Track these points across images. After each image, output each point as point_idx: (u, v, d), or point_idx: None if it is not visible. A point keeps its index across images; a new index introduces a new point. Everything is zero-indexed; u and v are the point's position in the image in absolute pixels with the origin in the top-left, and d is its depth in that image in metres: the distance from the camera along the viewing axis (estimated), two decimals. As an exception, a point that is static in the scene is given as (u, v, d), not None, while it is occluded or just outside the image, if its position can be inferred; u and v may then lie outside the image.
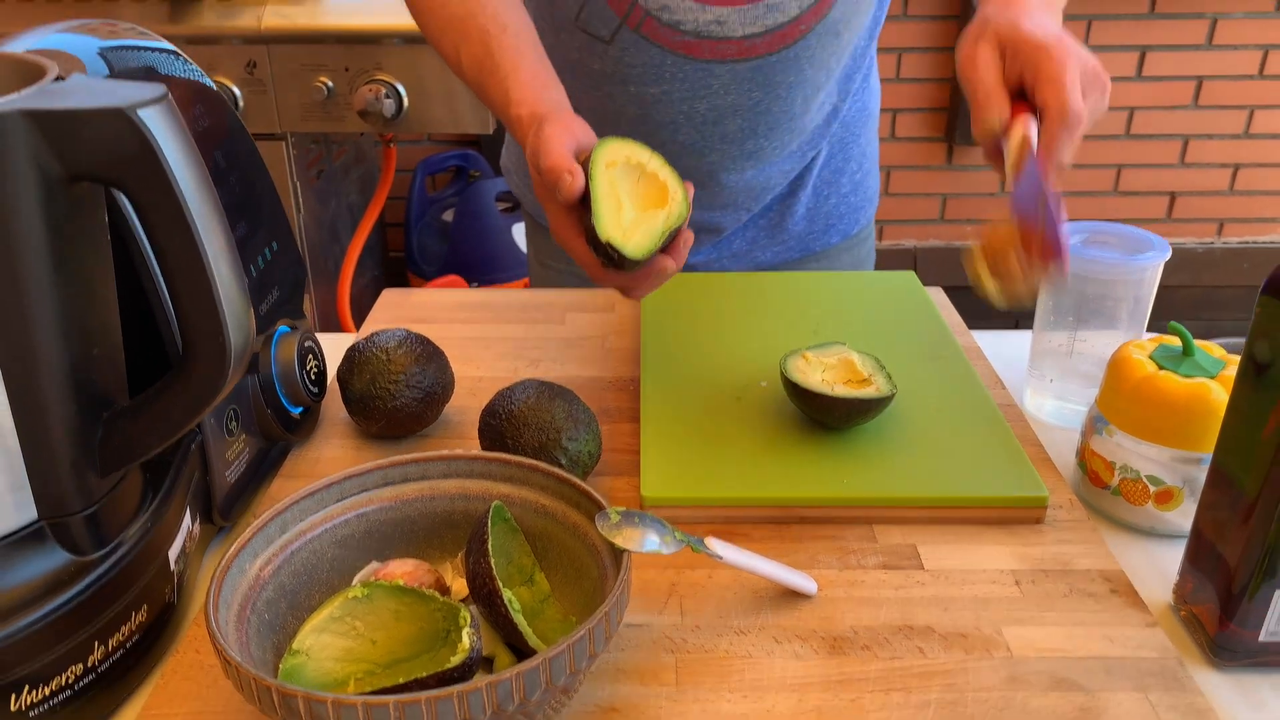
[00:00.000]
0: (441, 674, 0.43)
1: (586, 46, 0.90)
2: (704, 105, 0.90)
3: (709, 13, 0.85)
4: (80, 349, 0.46)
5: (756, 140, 0.93)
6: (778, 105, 0.91)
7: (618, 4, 0.87)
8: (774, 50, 0.87)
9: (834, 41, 0.89)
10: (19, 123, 0.40)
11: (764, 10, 0.85)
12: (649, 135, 0.93)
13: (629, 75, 0.90)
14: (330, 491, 0.54)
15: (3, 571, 0.46)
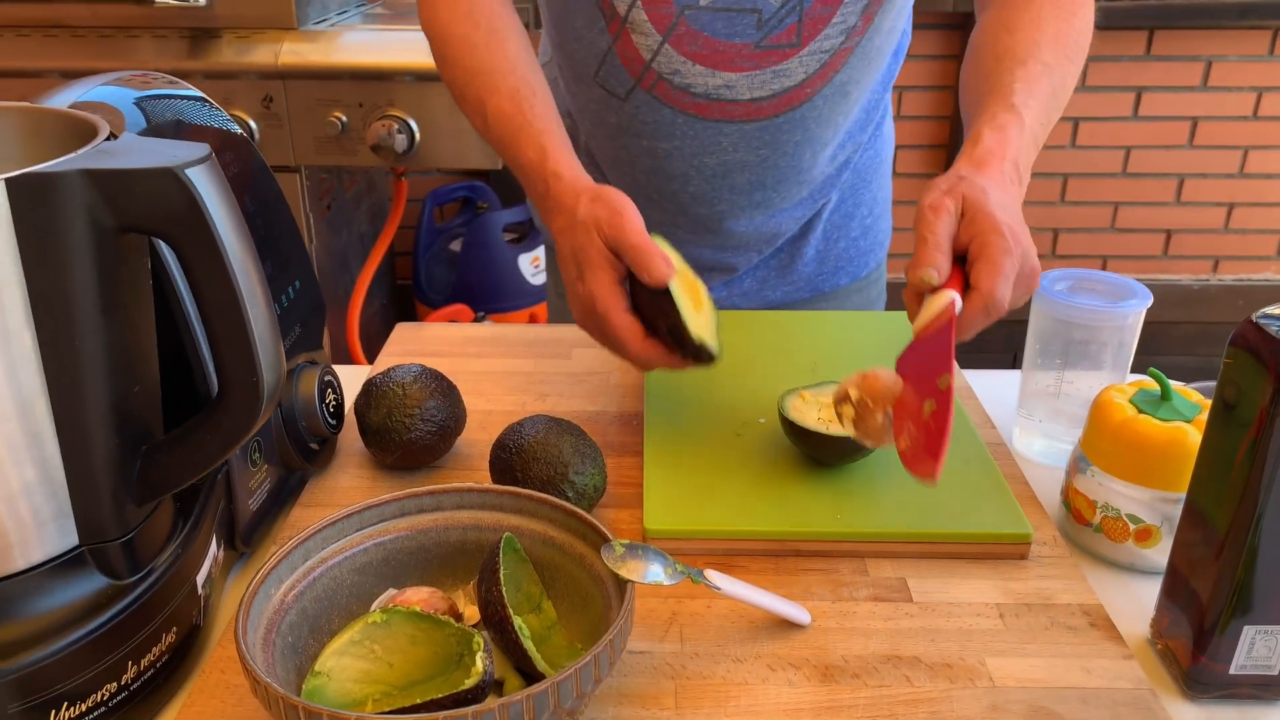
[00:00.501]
0: (456, 695, 0.46)
1: (604, 101, 0.95)
2: (713, 160, 0.94)
3: (718, 78, 0.89)
4: (123, 386, 0.49)
5: (765, 192, 0.97)
6: (785, 161, 0.95)
7: (632, 66, 0.91)
8: (781, 112, 0.91)
9: (842, 101, 0.93)
10: (77, 180, 0.44)
11: (771, 76, 0.88)
12: (662, 185, 0.97)
13: (642, 130, 0.94)
14: (350, 521, 0.57)
15: (46, 594, 0.49)
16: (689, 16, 0.86)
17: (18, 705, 0.47)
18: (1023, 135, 0.73)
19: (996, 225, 0.65)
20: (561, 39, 0.95)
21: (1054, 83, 0.78)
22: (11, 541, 0.48)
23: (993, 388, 0.87)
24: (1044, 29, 0.80)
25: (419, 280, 2.42)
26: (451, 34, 0.86)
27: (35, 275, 0.44)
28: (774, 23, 0.86)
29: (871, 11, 0.88)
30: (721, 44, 0.87)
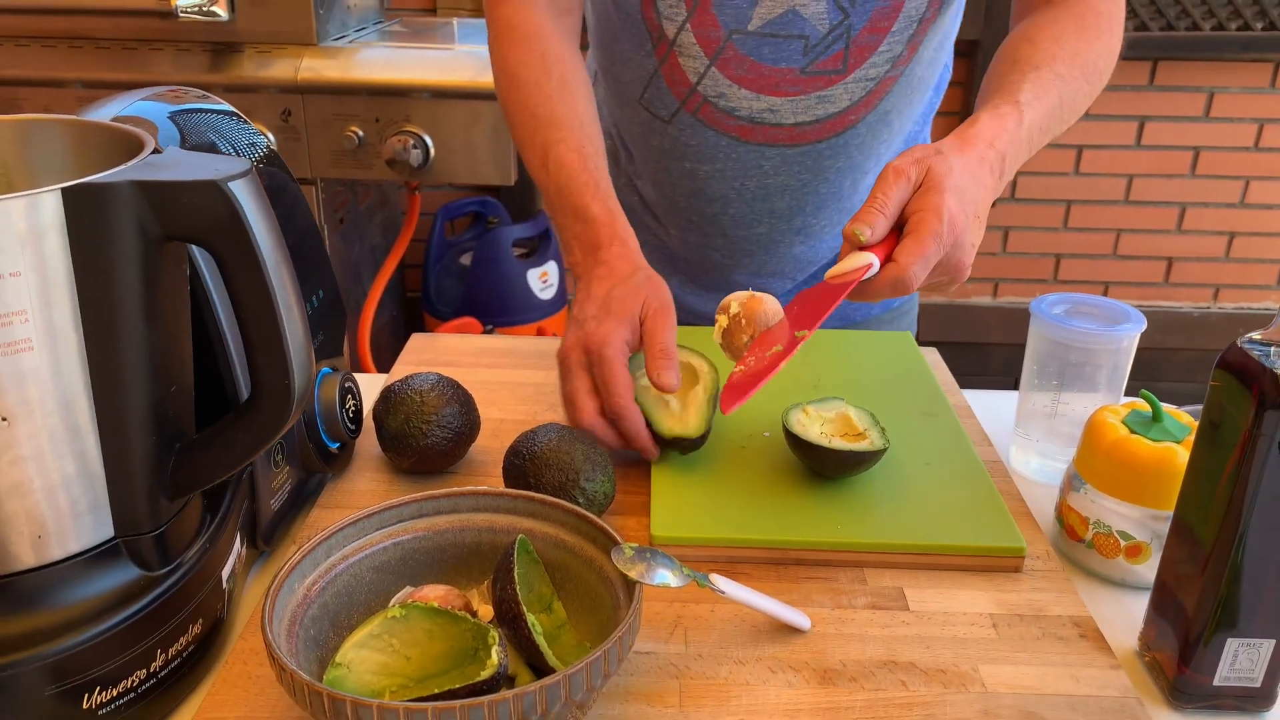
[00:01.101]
0: (472, 686, 0.48)
1: (648, 123, 0.97)
2: (754, 184, 0.96)
3: (762, 101, 0.91)
4: (161, 386, 0.52)
5: (804, 217, 0.99)
6: (825, 187, 0.97)
7: (677, 89, 0.93)
8: (824, 138, 0.93)
9: (884, 130, 0.95)
10: (127, 190, 0.46)
11: (815, 101, 0.90)
12: (702, 207, 0.99)
13: (685, 153, 0.96)
14: (370, 521, 0.59)
15: (82, 583, 0.51)
16: (737, 40, 0.89)
17: (53, 688, 0.50)
18: (1019, 130, 0.76)
19: (939, 207, 0.67)
20: (608, 62, 0.98)
21: (1063, 93, 0.80)
22: (50, 531, 0.50)
23: (991, 408, 0.89)
24: (1064, 45, 0.83)
25: (428, 293, 2.45)
26: (523, 77, 0.88)
27: (84, 279, 0.47)
28: (821, 49, 0.88)
29: (916, 41, 0.90)
30: (768, 68, 0.89)
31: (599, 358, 0.73)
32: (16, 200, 0.44)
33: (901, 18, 0.88)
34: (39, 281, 0.45)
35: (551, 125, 0.85)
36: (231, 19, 1.62)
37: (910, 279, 0.66)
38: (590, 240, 0.80)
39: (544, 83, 0.87)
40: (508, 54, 0.90)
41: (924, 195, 0.68)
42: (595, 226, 0.80)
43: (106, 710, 0.52)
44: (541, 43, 0.89)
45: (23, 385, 0.47)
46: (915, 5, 0.88)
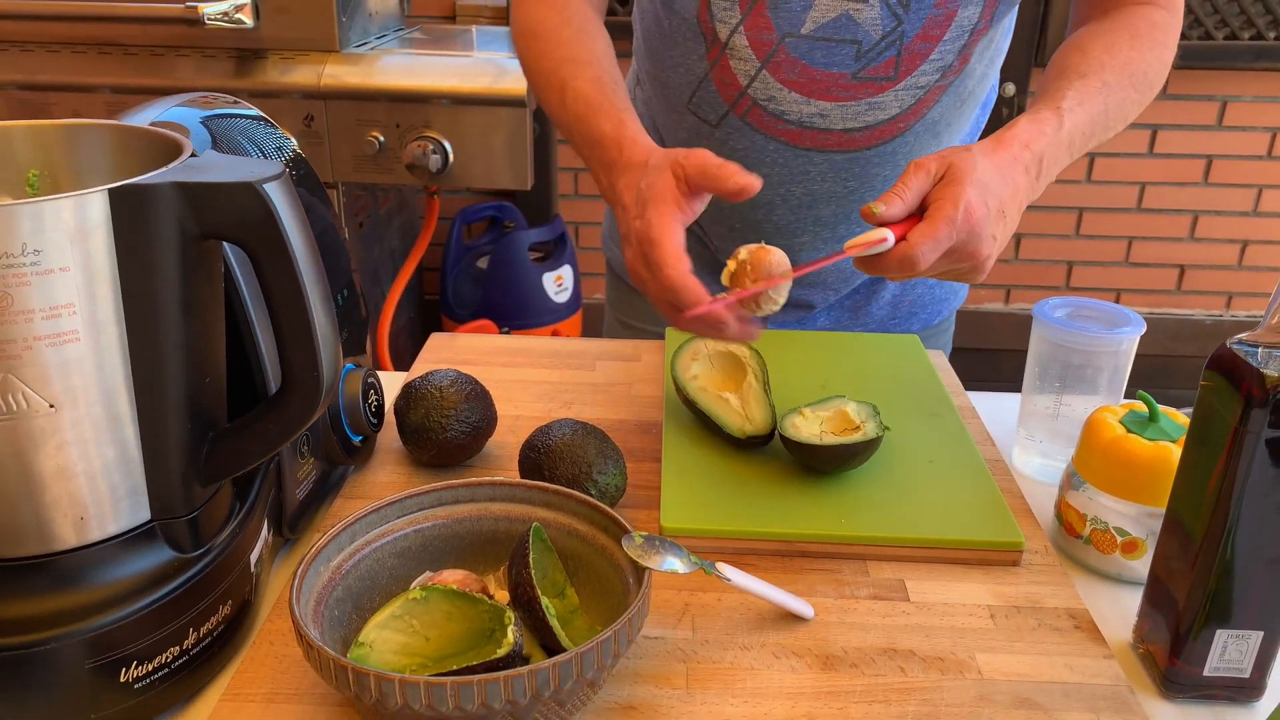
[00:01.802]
0: (490, 662, 0.51)
1: (695, 128, 0.98)
2: (800, 190, 0.97)
3: (812, 105, 0.92)
4: (196, 377, 0.54)
5: (849, 225, 0.99)
6: (870, 195, 0.97)
7: (727, 91, 0.94)
8: (872, 145, 0.94)
9: (932, 141, 0.96)
10: (169, 191, 0.49)
11: (865, 107, 0.91)
12: (747, 213, 1.01)
13: (732, 157, 0.93)
14: (392, 508, 0.62)
15: (119, 564, 0.54)
16: (789, 44, 0.90)
17: (92, 662, 0.52)
18: (1058, 134, 0.77)
19: (956, 196, 0.69)
20: (657, 68, 0.99)
21: (1109, 101, 0.82)
22: (90, 514, 0.53)
23: (995, 409, 0.91)
24: (1115, 54, 0.84)
25: (446, 295, 2.48)
26: (541, 30, 0.90)
27: (127, 274, 0.50)
28: (873, 55, 0.89)
29: (968, 52, 0.91)
30: (819, 73, 0.90)
31: (649, 242, 0.71)
32: (66, 200, 0.47)
33: (954, 27, 0.89)
34: (85, 276, 0.48)
35: (568, 63, 0.86)
36: (256, 26, 1.65)
37: (917, 258, 0.68)
38: (605, 159, 0.80)
39: (561, 30, 0.89)
40: (528, 13, 0.92)
41: (944, 186, 0.71)
42: (605, 144, 0.80)
43: (142, 684, 0.54)
44: (562, 2, 0.92)
45: (69, 375, 0.50)
46: (968, 15, 0.89)
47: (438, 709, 0.48)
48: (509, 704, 0.48)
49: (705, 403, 0.79)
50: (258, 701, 0.57)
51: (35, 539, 0.52)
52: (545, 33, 0.90)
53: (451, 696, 0.48)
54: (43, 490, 0.51)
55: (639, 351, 1.00)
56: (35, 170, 0.59)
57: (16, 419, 0.49)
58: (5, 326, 0.47)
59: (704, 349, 0.85)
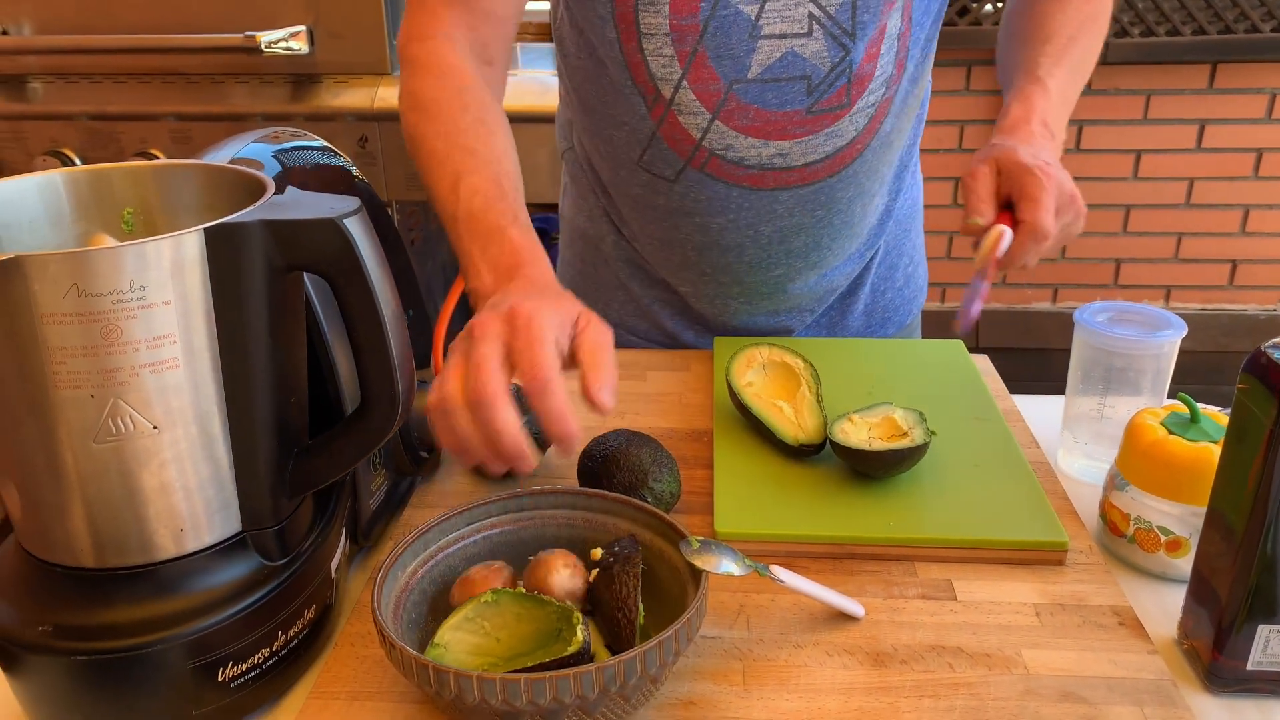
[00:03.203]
0: (561, 659, 0.54)
1: (649, 184, 0.96)
2: (769, 228, 0.97)
3: (771, 147, 0.91)
4: (282, 398, 0.59)
5: (820, 251, 1.00)
6: (839, 219, 0.98)
7: (680, 147, 0.92)
8: (835, 172, 0.94)
9: (886, 151, 0.98)
10: (257, 228, 0.53)
11: (824, 139, 0.92)
12: (715, 259, 0.99)
13: (694, 209, 0.95)
14: (462, 516, 0.66)
15: (214, 572, 0.59)
16: (738, 90, 0.88)
17: (192, 663, 0.57)
18: (1048, 99, 0.86)
19: (1028, 169, 0.77)
20: (598, 127, 0.97)
21: (1079, 51, 0.91)
22: (187, 527, 0.58)
23: (1039, 412, 0.93)
24: (1068, 7, 0.93)
25: (494, 307, 2.53)
26: (435, 110, 0.81)
27: (220, 305, 0.54)
28: (824, 87, 0.89)
29: (902, 57, 0.92)
30: (773, 114, 0.90)
31: (526, 323, 0.60)
32: (167, 240, 0.51)
33: (885, 39, 0.90)
34: (183, 308, 0.53)
35: (466, 154, 0.77)
36: (311, 52, 1.71)
37: (1044, 225, 0.76)
38: (507, 264, 0.70)
39: (459, 117, 0.80)
40: (420, 85, 0.83)
41: (1009, 173, 0.79)
42: (513, 248, 0.71)
43: (237, 683, 0.59)
44: (459, 80, 0.83)
45: (168, 398, 0.54)
46: (893, 24, 0.90)
47: (512, 704, 0.52)
48: (578, 699, 0.52)
49: (760, 409, 0.82)
50: (342, 699, 0.61)
51: (139, 550, 0.57)
52: (439, 114, 0.81)
53: (525, 692, 0.51)
54: (146, 505, 0.56)
55: (688, 361, 1.03)
56: (130, 209, 0.63)
57: (124, 440, 0.53)
58: (114, 356, 0.51)
59: (759, 357, 0.88)
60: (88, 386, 0.52)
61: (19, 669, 0.57)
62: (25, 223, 0.60)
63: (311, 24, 1.69)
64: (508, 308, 0.62)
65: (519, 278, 0.68)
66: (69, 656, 0.55)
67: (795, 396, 0.84)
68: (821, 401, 0.83)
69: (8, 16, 1.71)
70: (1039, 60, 0.89)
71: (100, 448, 0.53)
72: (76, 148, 1.75)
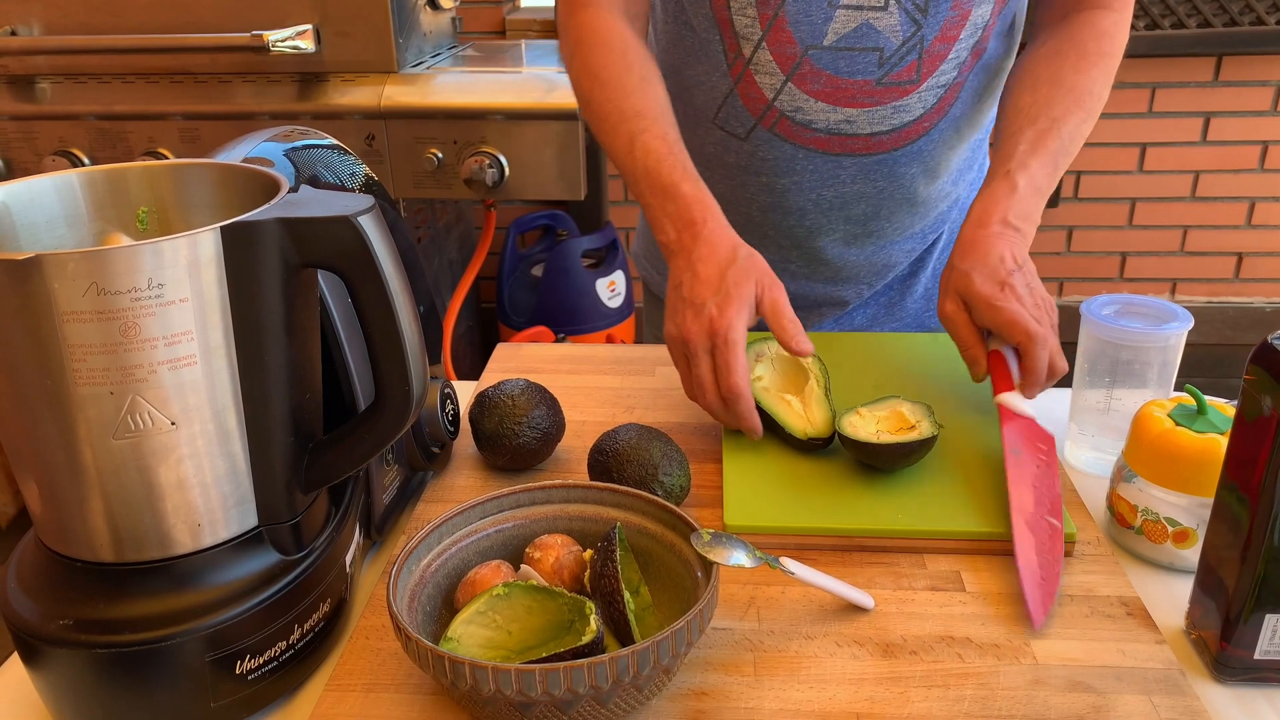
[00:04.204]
0: (575, 649, 0.55)
1: (722, 142, 1.01)
2: (830, 193, 1.01)
3: (839, 113, 0.95)
4: (297, 394, 0.59)
5: (879, 222, 1.04)
6: (900, 193, 1.01)
7: (754, 105, 0.97)
8: (899, 146, 0.98)
9: (954, 136, 1.00)
10: (273, 227, 0.54)
11: (890, 111, 0.95)
12: (778, 220, 1.04)
13: (761, 168, 1.01)
14: (475, 510, 0.66)
15: (233, 565, 0.59)
16: (813, 56, 0.93)
17: (211, 655, 0.57)
18: (1014, 196, 0.85)
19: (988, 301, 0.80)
20: (679, 87, 1.02)
21: (1064, 134, 0.88)
22: (205, 521, 0.58)
23: (1046, 404, 0.93)
24: (1060, 83, 0.91)
25: (502, 303, 2.54)
26: (606, 77, 0.93)
27: (236, 302, 0.54)
28: (895, 60, 0.93)
29: (981, 46, 0.94)
30: (844, 81, 0.94)
31: (725, 342, 0.77)
32: (183, 239, 0.52)
33: (968, 25, 0.93)
34: (200, 305, 0.53)
35: (637, 116, 0.89)
36: (318, 51, 1.72)
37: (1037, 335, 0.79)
38: (684, 217, 0.84)
39: (625, 79, 0.92)
40: (590, 56, 0.94)
41: (973, 307, 0.81)
42: (687, 203, 0.84)
43: (255, 676, 0.60)
44: (621, 43, 0.94)
45: (186, 395, 0.55)
46: (980, 13, 0.92)
47: (527, 694, 0.52)
48: (592, 689, 0.52)
49: (768, 403, 0.83)
50: (358, 691, 0.61)
51: (156, 544, 0.58)
52: (609, 80, 0.92)
53: (540, 682, 0.52)
54: (164, 500, 0.56)
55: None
56: (145, 207, 0.64)
57: (142, 436, 0.54)
58: (133, 353, 0.52)
59: (768, 351, 0.88)
60: (107, 383, 0.52)
61: (40, 662, 0.58)
62: (43, 222, 0.60)
63: (318, 23, 1.70)
64: (710, 320, 0.79)
65: (700, 239, 0.83)
66: (89, 650, 0.56)
67: (803, 391, 0.84)
68: (830, 396, 0.83)
69: (17, 17, 1.72)
70: (1014, 149, 0.87)
71: (119, 444, 0.54)
72: (85, 147, 1.76)
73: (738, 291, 0.79)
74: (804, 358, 0.82)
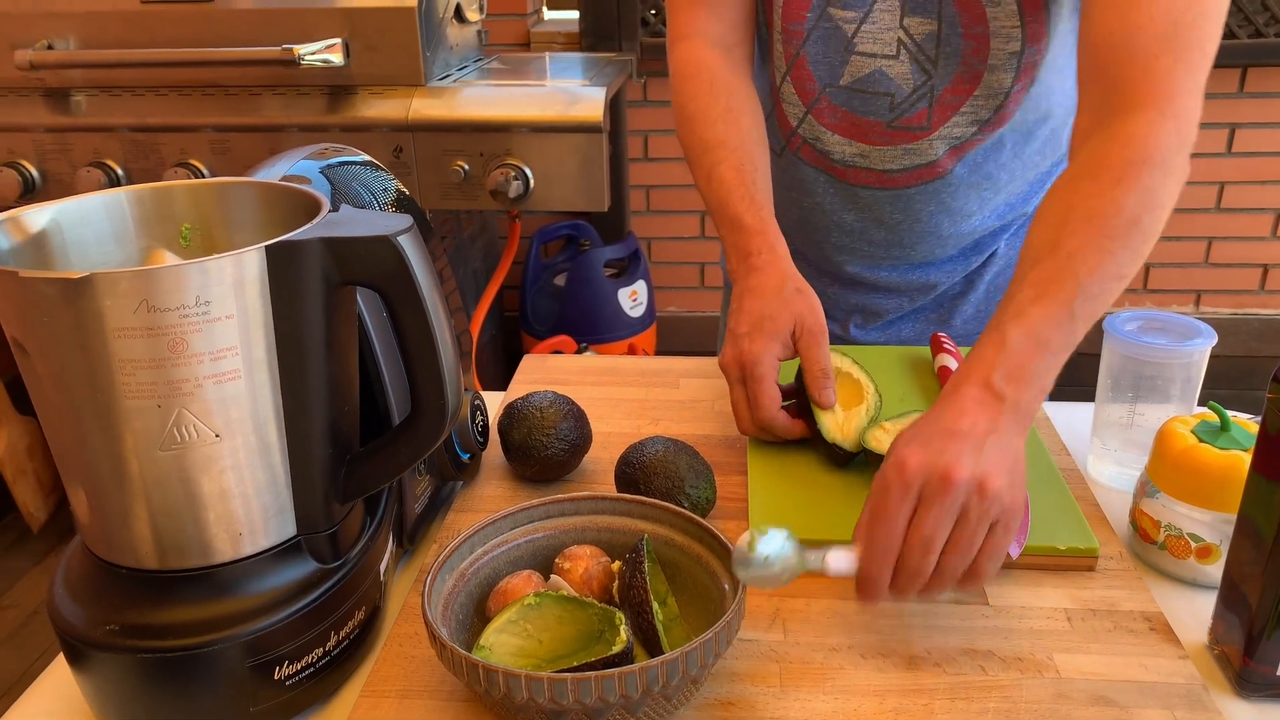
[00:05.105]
0: (606, 659, 0.56)
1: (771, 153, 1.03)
2: (851, 216, 1.04)
3: (854, 147, 0.99)
4: (336, 407, 0.61)
5: (903, 249, 1.05)
6: (920, 226, 1.03)
7: (783, 129, 1.02)
8: (912, 184, 0.99)
9: (985, 182, 1.00)
10: (315, 245, 0.56)
11: (902, 152, 0.98)
12: (809, 233, 1.08)
13: (791, 184, 1.05)
14: (506, 521, 0.68)
15: (271, 575, 0.61)
16: (830, 93, 0.97)
17: (250, 661, 0.59)
18: (1002, 352, 0.68)
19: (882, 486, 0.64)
20: None
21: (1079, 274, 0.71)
22: (245, 531, 0.60)
23: (1069, 419, 0.94)
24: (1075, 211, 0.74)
25: (525, 312, 2.56)
26: (692, 110, 0.96)
27: (279, 319, 0.56)
28: (906, 106, 0.95)
29: (1006, 111, 0.94)
30: (858, 119, 0.97)
31: (750, 375, 0.82)
32: (229, 257, 0.54)
33: (983, 86, 0.93)
34: (244, 322, 0.55)
35: (716, 147, 0.93)
36: (347, 64, 1.75)
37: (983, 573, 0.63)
38: (742, 247, 0.88)
39: (710, 110, 0.95)
40: (681, 89, 0.99)
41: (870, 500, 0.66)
42: (747, 234, 0.88)
43: (293, 681, 0.61)
44: (710, 74, 0.97)
45: (229, 408, 0.56)
46: (997, 79, 0.92)
47: (559, 702, 0.53)
48: (623, 698, 0.54)
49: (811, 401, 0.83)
50: (393, 697, 0.63)
51: (198, 553, 0.59)
52: (695, 112, 0.96)
53: (571, 691, 0.53)
54: (206, 510, 0.58)
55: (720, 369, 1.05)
56: (188, 225, 0.66)
57: (187, 448, 0.56)
58: (180, 368, 0.54)
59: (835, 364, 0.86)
60: (154, 397, 0.54)
61: (86, 666, 0.60)
62: (92, 239, 0.62)
63: (347, 37, 1.73)
64: (740, 351, 0.83)
65: (752, 271, 0.87)
66: (133, 655, 0.58)
67: (851, 410, 0.84)
68: (871, 427, 0.82)
69: (54, 32, 1.76)
70: (1013, 298, 0.72)
71: (165, 455, 0.56)
72: (119, 159, 1.80)
73: (770, 326, 0.82)
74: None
